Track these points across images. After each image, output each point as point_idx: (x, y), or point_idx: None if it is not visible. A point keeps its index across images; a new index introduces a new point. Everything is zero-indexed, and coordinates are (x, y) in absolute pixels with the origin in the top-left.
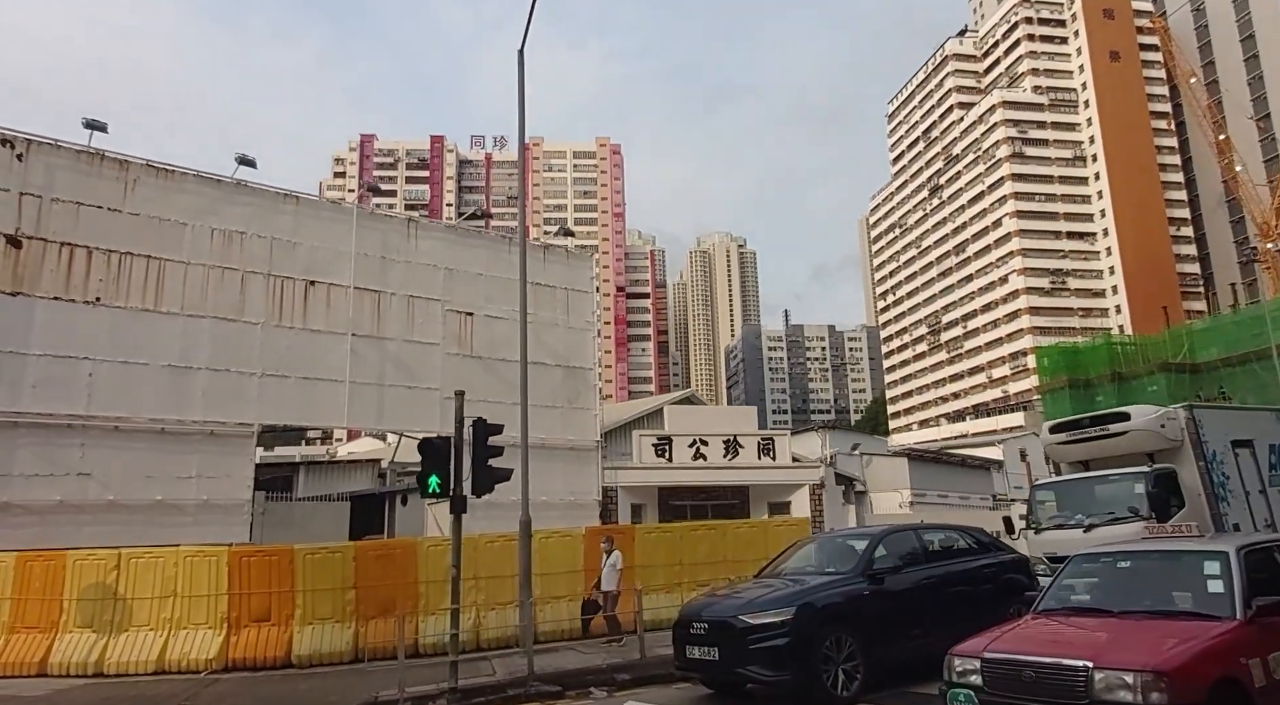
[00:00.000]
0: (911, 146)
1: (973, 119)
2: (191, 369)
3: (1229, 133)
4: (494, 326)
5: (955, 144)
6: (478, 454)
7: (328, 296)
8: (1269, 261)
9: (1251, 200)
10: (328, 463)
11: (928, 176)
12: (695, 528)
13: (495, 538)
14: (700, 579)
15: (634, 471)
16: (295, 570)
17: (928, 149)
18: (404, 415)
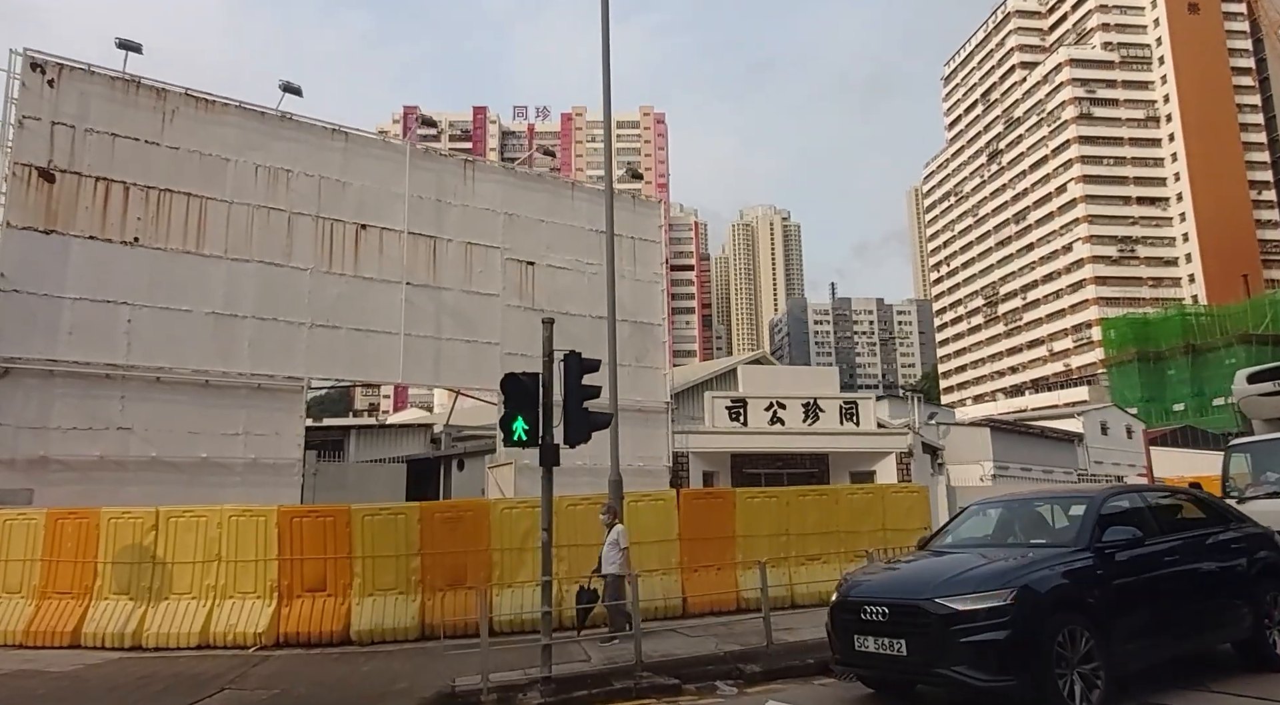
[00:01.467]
0: (969, 110)
1: (1036, 79)
2: (237, 317)
3: None
4: (557, 278)
5: (1017, 106)
6: (571, 394)
7: (380, 241)
8: None
9: None
10: (379, 427)
11: (986, 142)
12: (804, 493)
13: (578, 501)
14: (809, 552)
15: (706, 436)
16: (353, 534)
17: (986, 112)
18: (462, 371)
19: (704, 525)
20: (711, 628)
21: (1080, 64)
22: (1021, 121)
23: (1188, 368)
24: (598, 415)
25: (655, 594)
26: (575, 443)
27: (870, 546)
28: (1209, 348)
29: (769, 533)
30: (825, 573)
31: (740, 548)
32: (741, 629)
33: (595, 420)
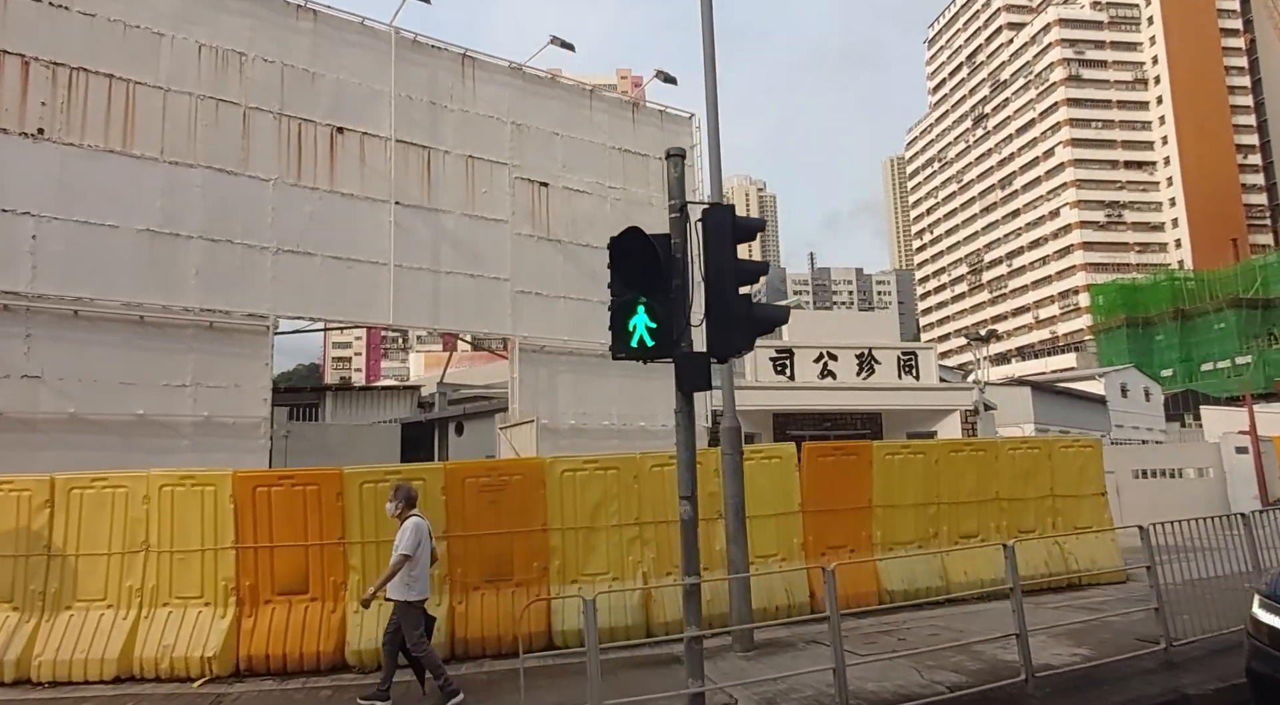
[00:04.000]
0: (954, 73)
1: (1024, 40)
2: (179, 237)
3: None
4: (574, 202)
5: (1003, 69)
6: (723, 272)
7: (361, 149)
8: None
9: None
10: (360, 390)
11: (971, 106)
12: (956, 446)
13: (664, 459)
14: (964, 528)
15: (748, 392)
16: (347, 509)
17: (972, 75)
18: (466, 311)
19: (832, 492)
20: (868, 635)
21: (1069, 24)
22: (1008, 84)
23: (1176, 333)
24: (764, 308)
25: (775, 587)
26: (731, 352)
27: (1037, 521)
28: (1198, 313)
29: (914, 501)
30: (984, 557)
31: (878, 523)
32: (916, 638)
33: (763, 316)
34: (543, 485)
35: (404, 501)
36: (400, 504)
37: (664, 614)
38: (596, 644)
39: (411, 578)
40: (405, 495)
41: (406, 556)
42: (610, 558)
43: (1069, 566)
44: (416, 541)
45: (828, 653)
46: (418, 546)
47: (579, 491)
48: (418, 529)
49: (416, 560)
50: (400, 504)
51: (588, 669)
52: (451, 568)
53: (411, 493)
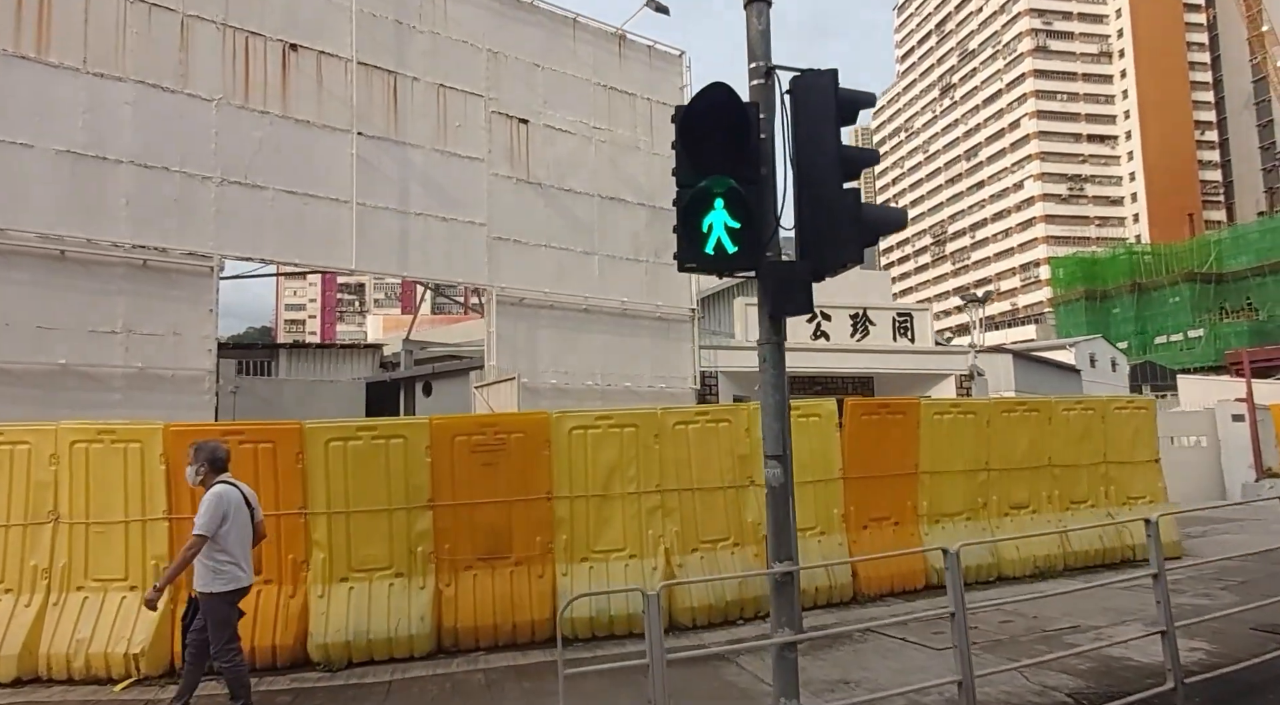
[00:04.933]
0: (923, 42)
1: (993, 9)
2: (106, 161)
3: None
4: (557, 143)
5: (972, 38)
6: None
7: (318, 70)
8: None
9: None
10: (317, 347)
11: (939, 75)
12: (1008, 406)
13: (689, 415)
14: (1015, 499)
15: (738, 352)
16: (309, 472)
17: (940, 44)
18: (438, 257)
19: (875, 456)
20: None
21: None
22: (976, 54)
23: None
24: (876, 207)
25: (813, 562)
26: (836, 265)
27: (1090, 490)
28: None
29: (963, 467)
30: (1037, 530)
31: (924, 491)
32: (989, 626)
33: (876, 218)
34: (548, 445)
35: (206, 463)
36: (202, 467)
37: (689, 598)
38: (662, 648)
39: (217, 563)
40: (209, 455)
41: (204, 537)
42: (627, 531)
43: (1123, 541)
44: (220, 515)
45: (894, 646)
46: (223, 522)
47: (590, 453)
48: (220, 500)
49: (222, 540)
50: (202, 467)
51: (650, 674)
52: (438, 543)
53: (218, 451)
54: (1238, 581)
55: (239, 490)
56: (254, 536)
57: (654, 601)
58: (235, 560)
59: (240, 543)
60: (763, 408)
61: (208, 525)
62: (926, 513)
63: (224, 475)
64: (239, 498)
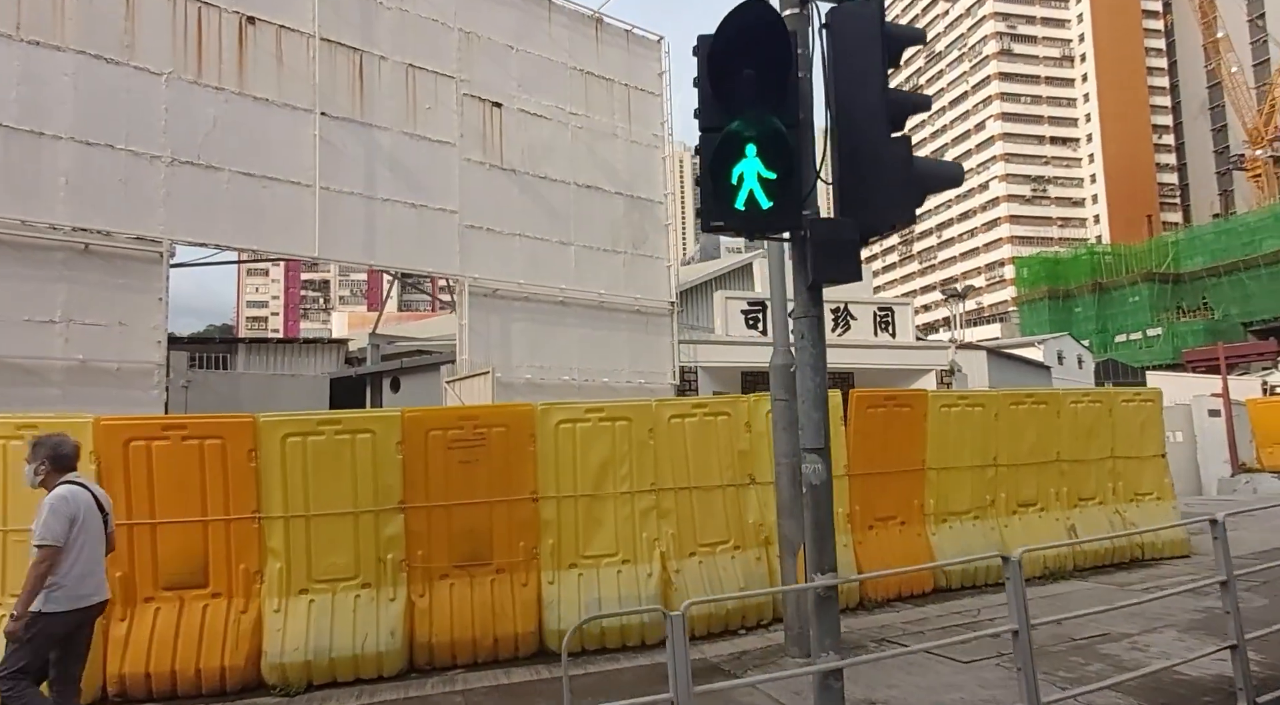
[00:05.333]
0: None
1: (959, 12)
2: (43, 137)
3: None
4: (531, 128)
5: (939, 39)
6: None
7: (278, 45)
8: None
9: (1243, 105)
10: (278, 342)
11: (907, 76)
12: (1017, 399)
13: (685, 408)
14: (1023, 496)
15: (718, 347)
16: (263, 471)
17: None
18: (407, 245)
19: (881, 451)
20: (950, 631)
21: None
22: (943, 56)
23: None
24: (930, 163)
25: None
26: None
27: (1098, 487)
28: (1114, 286)
29: (970, 463)
30: (1046, 529)
31: (931, 488)
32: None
33: (930, 172)
34: (532, 441)
35: (48, 460)
36: (42, 465)
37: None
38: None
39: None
40: (51, 450)
41: (54, 548)
42: (619, 534)
43: (1132, 539)
44: (68, 520)
45: (916, 659)
46: (71, 527)
47: (579, 449)
48: (67, 502)
49: (68, 549)
50: (42, 465)
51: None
52: (410, 550)
53: (63, 446)
54: (1260, 582)
55: (89, 491)
56: (106, 547)
57: (679, 624)
58: (78, 576)
59: (91, 553)
60: (800, 393)
61: (56, 533)
62: (933, 511)
63: (71, 475)
64: (89, 500)
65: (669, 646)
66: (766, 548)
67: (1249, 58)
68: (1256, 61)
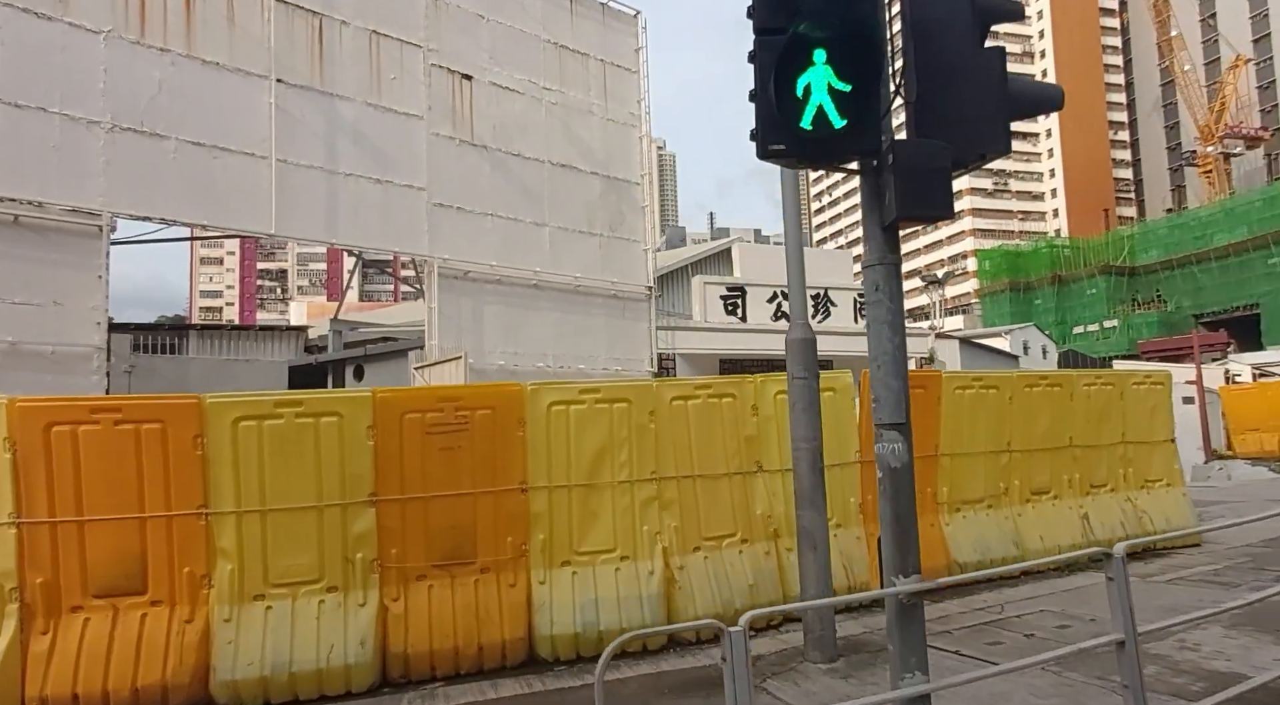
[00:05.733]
0: None
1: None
2: None
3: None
4: (503, 103)
5: None
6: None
7: (229, 5)
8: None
9: (1195, 102)
10: (232, 329)
11: None
12: (1031, 381)
13: (688, 389)
14: (1037, 483)
15: (697, 334)
16: (211, 460)
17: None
18: (371, 223)
19: None
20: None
21: None
22: None
23: (1053, 297)
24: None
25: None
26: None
27: (1109, 473)
28: (1073, 278)
29: (984, 448)
30: (1060, 518)
31: (944, 476)
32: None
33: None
34: (521, 425)
35: None
36: None
37: (693, 606)
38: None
39: None
40: None
41: None
42: (618, 528)
43: (1144, 527)
44: None
45: (951, 662)
46: None
47: (573, 434)
48: None
49: None
50: None
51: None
52: (383, 548)
53: None
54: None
55: None
56: None
57: (739, 643)
58: None
59: None
60: (874, 356)
61: None
62: (947, 500)
63: None
64: None
65: (728, 673)
66: (775, 541)
67: (1201, 56)
68: (1208, 60)
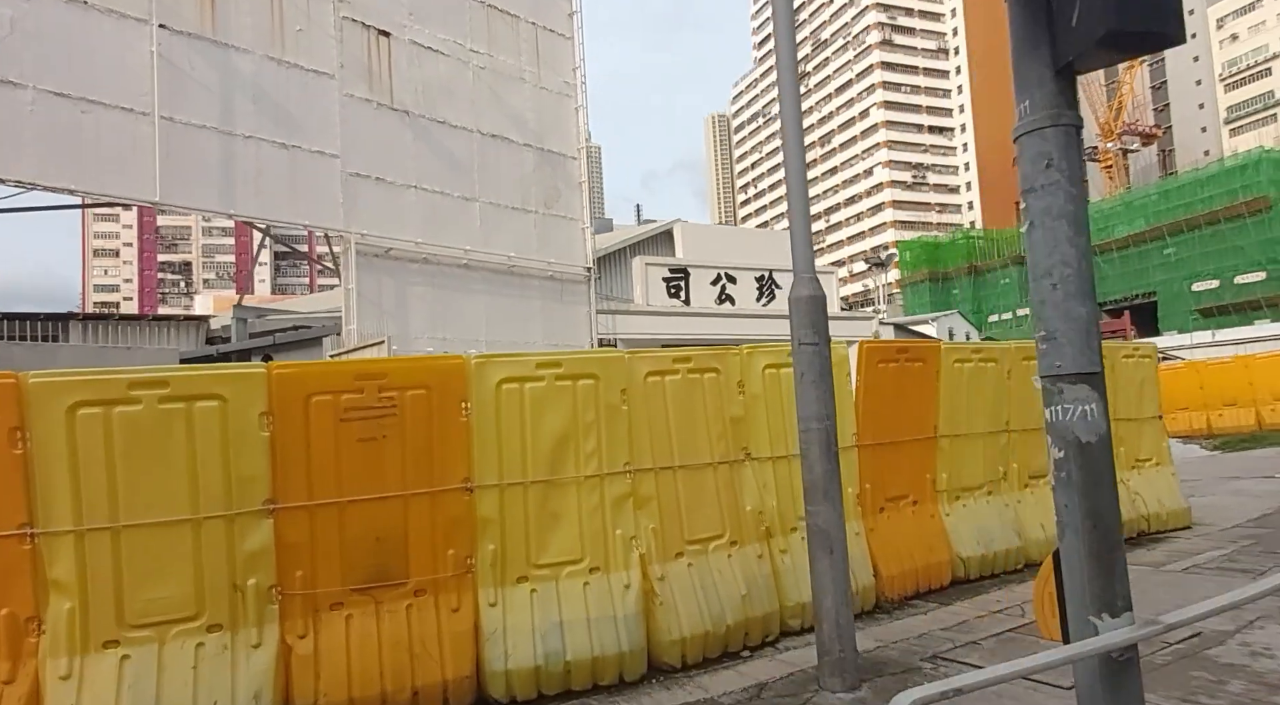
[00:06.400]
0: None
1: (844, 1)
2: None
3: None
4: (426, 64)
5: (824, 28)
6: None
7: None
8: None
9: (1097, 100)
10: (120, 318)
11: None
12: (1028, 353)
13: (665, 362)
14: (1035, 466)
15: (639, 318)
16: (38, 462)
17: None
18: (277, 192)
19: (892, 417)
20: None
21: None
22: (829, 44)
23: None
24: None
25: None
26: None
27: None
28: (988, 269)
29: (983, 429)
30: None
31: (944, 460)
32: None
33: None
34: (464, 409)
35: None
36: None
37: (679, 627)
38: None
39: None
40: None
41: None
42: (585, 533)
43: (1138, 510)
44: None
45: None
46: None
47: (530, 418)
48: None
49: None
50: None
51: None
52: (284, 571)
53: None
54: None
55: None
56: None
57: None
58: None
59: None
60: (1042, 272)
61: None
62: (946, 487)
63: None
64: None
65: None
66: (768, 541)
67: None
68: None
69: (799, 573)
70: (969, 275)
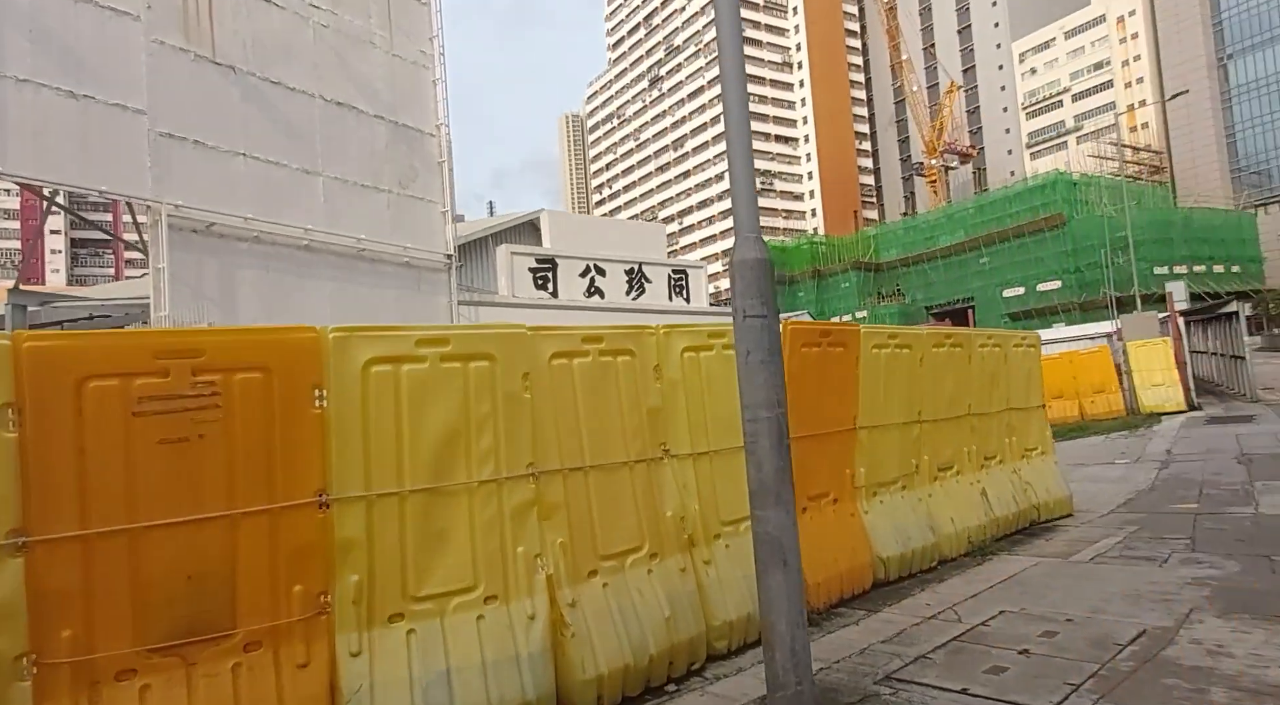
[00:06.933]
0: (632, 33)
1: (696, 8)
2: None
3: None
4: (257, 17)
5: (677, 34)
6: None
7: None
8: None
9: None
10: None
11: (648, 67)
12: (938, 340)
13: (572, 342)
14: (943, 458)
15: (503, 310)
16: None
17: (649, 37)
18: (63, 148)
19: (815, 406)
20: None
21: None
22: (681, 50)
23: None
24: None
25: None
26: None
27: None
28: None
29: (898, 419)
30: (965, 496)
31: (863, 454)
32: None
33: None
34: (316, 398)
35: None
36: None
37: (595, 662)
38: None
39: None
40: None
41: None
42: (479, 553)
43: (1029, 500)
44: None
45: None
46: None
47: (408, 411)
48: None
49: None
50: None
51: None
52: (42, 632)
53: None
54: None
55: None
56: None
57: None
58: None
59: None
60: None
61: None
62: (865, 483)
63: None
64: None
65: None
66: (691, 552)
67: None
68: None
69: (725, 586)
70: (813, 278)
